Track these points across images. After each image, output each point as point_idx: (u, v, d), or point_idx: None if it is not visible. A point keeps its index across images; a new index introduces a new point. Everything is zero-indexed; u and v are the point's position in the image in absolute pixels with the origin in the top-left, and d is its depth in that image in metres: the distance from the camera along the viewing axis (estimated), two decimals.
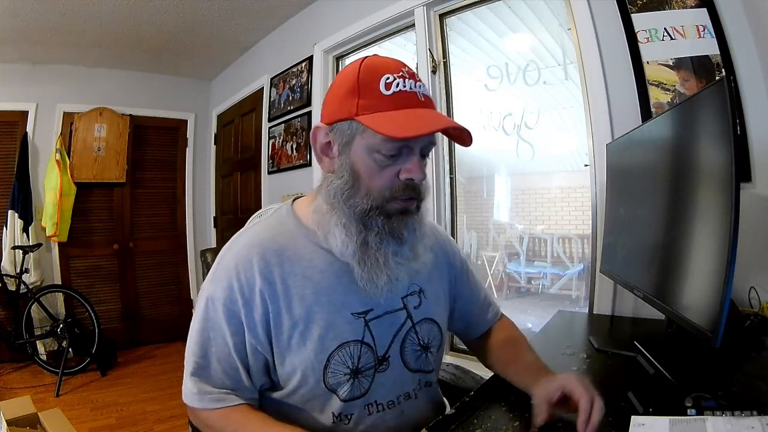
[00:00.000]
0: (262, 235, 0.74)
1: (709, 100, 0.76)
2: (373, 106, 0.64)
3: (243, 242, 0.74)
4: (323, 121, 0.70)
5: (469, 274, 0.94)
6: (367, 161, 0.66)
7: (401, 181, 0.66)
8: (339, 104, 0.67)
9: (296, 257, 0.72)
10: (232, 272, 0.70)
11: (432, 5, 2.03)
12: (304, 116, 2.73)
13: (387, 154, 0.65)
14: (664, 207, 0.95)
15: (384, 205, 0.67)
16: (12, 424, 1.43)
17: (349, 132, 0.66)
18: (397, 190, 0.67)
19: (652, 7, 1.37)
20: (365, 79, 0.65)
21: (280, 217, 0.78)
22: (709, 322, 0.69)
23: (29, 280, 3.14)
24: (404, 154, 0.66)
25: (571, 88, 1.85)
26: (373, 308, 0.74)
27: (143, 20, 2.82)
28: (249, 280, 0.69)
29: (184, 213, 4.04)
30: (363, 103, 0.64)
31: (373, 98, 0.64)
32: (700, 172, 0.81)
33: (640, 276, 1.05)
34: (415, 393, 0.80)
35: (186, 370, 0.72)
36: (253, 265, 0.70)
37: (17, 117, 3.35)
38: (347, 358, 0.72)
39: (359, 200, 0.67)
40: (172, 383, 2.93)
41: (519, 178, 3.16)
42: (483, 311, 0.94)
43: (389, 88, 0.64)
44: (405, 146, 0.65)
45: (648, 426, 0.61)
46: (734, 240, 0.64)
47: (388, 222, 0.68)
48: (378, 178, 0.66)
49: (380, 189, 0.67)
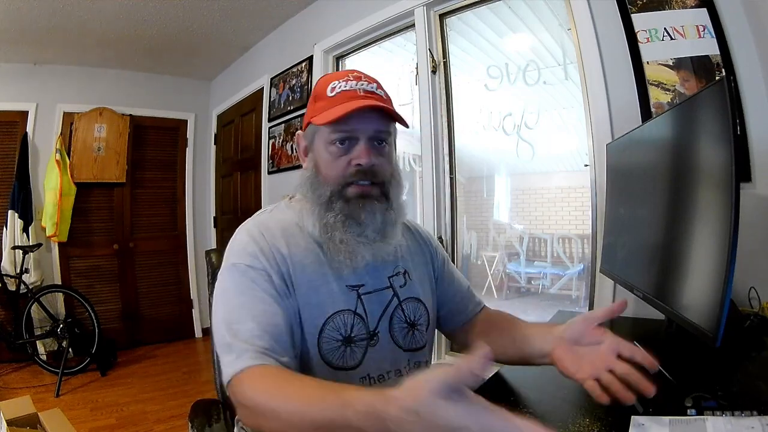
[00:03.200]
0: (265, 217, 0.83)
1: (709, 100, 0.76)
2: (322, 107, 0.77)
3: (251, 224, 0.81)
4: (302, 128, 0.84)
5: (452, 267, 0.99)
6: (324, 154, 0.78)
7: (353, 167, 0.76)
8: (307, 113, 0.82)
9: (298, 235, 0.80)
10: (249, 241, 0.76)
11: (432, 5, 2.03)
12: (304, 116, 2.73)
13: (337, 144, 0.76)
14: (664, 207, 0.95)
15: (342, 191, 0.77)
16: (12, 424, 1.43)
17: (311, 133, 0.80)
18: (350, 176, 0.76)
19: (652, 7, 1.37)
20: (319, 88, 0.80)
21: (279, 207, 0.87)
22: (709, 322, 0.69)
23: (29, 280, 3.14)
24: (353, 143, 0.76)
25: (571, 88, 1.85)
26: (364, 284, 0.80)
27: (143, 20, 2.82)
28: (264, 245, 0.76)
29: (184, 213, 4.04)
30: (317, 107, 0.78)
31: (322, 101, 0.78)
32: (700, 172, 0.81)
33: (640, 276, 1.05)
34: (406, 371, 0.82)
35: (220, 349, 0.67)
36: (264, 236, 0.77)
37: (17, 117, 3.35)
38: (341, 326, 0.76)
39: (322, 189, 0.78)
40: (172, 383, 2.93)
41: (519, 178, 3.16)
42: (467, 299, 0.96)
43: (333, 91, 0.77)
44: (350, 137, 0.76)
45: (648, 426, 0.61)
46: (734, 240, 0.64)
47: (347, 206, 0.77)
48: (333, 168, 0.77)
49: (336, 177, 0.77)
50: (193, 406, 0.97)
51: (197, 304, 4.07)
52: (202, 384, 2.89)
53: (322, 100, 0.78)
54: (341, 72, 0.82)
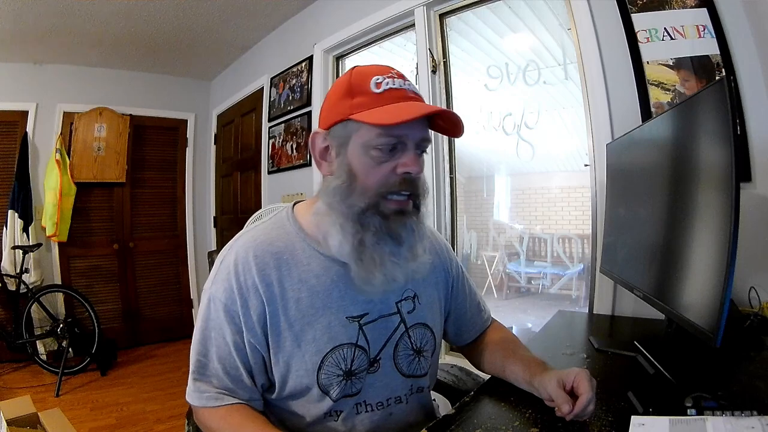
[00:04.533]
0: (260, 238, 0.75)
1: (709, 100, 0.76)
2: (365, 104, 0.66)
3: (242, 244, 0.75)
4: (320, 126, 0.72)
5: (465, 279, 0.95)
6: (363, 159, 0.67)
7: (398, 175, 0.67)
8: (334, 108, 0.69)
9: (293, 261, 0.73)
10: (231, 273, 0.72)
11: (432, 5, 2.03)
12: (304, 116, 2.73)
13: (383, 149, 0.66)
14: (664, 207, 0.95)
15: (380, 204, 0.68)
16: (12, 424, 1.43)
17: (345, 133, 0.68)
18: (393, 185, 0.67)
19: (652, 7, 1.37)
20: (356, 81, 0.68)
21: (279, 220, 0.79)
22: (709, 322, 0.69)
23: (29, 280, 3.14)
24: (399, 149, 0.67)
25: (571, 88, 1.85)
26: (368, 312, 0.75)
27: (143, 20, 2.82)
28: (247, 281, 0.71)
29: (184, 213, 4.04)
30: (356, 103, 0.66)
31: (365, 97, 0.66)
32: (700, 171, 0.81)
33: (640, 276, 1.05)
34: (406, 398, 0.80)
35: (191, 368, 0.74)
36: (251, 266, 0.71)
37: (17, 117, 3.35)
38: (340, 360, 0.73)
39: (356, 200, 0.67)
40: (172, 383, 2.93)
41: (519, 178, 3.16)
42: (475, 316, 0.95)
43: (379, 87, 0.66)
44: (399, 141, 0.67)
45: (648, 426, 0.61)
46: (734, 240, 0.64)
47: (385, 222, 0.68)
48: (374, 175, 0.67)
49: (377, 186, 0.67)
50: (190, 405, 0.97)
51: (197, 304, 4.07)
52: None
53: (364, 96, 0.66)
54: (380, 66, 0.70)
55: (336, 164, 0.70)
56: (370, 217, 0.67)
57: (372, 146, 0.66)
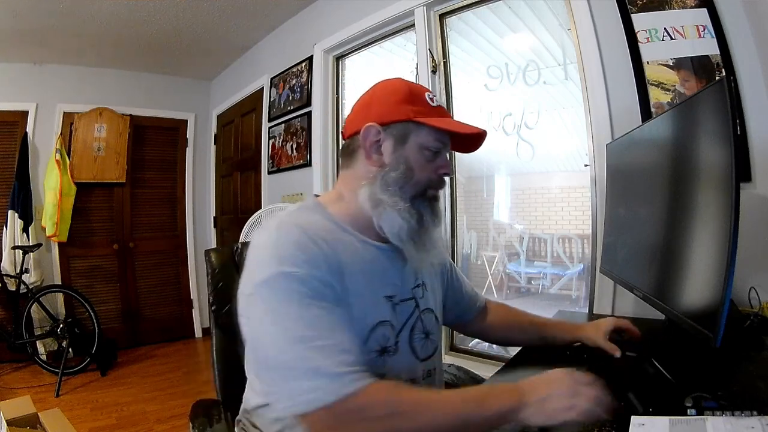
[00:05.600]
0: (299, 220, 0.73)
1: (709, 100, 0.76)
2: (424, 113, 0.77)
3: (288, 224, 0.71)
4: (374, 120, 0.77)
5: (455, 268, 1.04)
6: (418, 156, 0.77)
7: (438, 175, 0.80)
8: (394, 109, 0.77)
9: (336, 240, 0.73)
10: (298, 245, 0.68)
11: (432, 5, 2.03)
12: (304, 116, 2.73)
13: (432, 151, 0.78)
14: (664, 207, 0.95)
15: (426, 193, 0.79)
16: (12, 424, 1.43)
17: (405, 131, 0.77)
18: (434, 182, 0.80)
19: (652, 7, 1.37)
20: (415, 92, 0.79)
21: (304, 209, 0.79)
22: (709, 323, 0.69)
23: (29, 280, 3.14)
24: (440, 153, 0.79)
25: (571, 88, 1.85)
26: (396, 294, 0.79)
27: (143, 20, 2.82)
28: (316, 249, 0.69)
29: (184, 213, 4.04)
30: (417, 110, 0.77)
31: (424, 107, 0.78)
32: (700, 171, 0.81)
33: (640, 276, 1.05)
34: (420, 379, 0.82)
35: (296, 370, 0.60)
36: (314, 238, 0.70)
37: (17, 117, 3.35)
38: (380, 337, 0.75)
39: (409, 189, 0.77)
40: (172, 383, 2.93)
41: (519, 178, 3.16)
42: (472, 297, 1.04)
43: (433, 101, 0.79)
44: (443, 146, 0.79)
45: (648, 426, 0.61)
46: (734, 240, 0.64)
47: (431, 205, 0.80)
48: (424, 171, 0.78)
49: (425, 180, 0.78)
50: (193, 406, 0.97)
51: (197, 304, 4.07)
52: (202, 384, 2.89)
53: (422, 105, 0.78)
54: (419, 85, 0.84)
55: (393, 157, 0.77)
56: (420, 202, 0.78)
57: (426, 147, 0.77)
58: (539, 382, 0.63)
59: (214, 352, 1.08)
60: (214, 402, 1.00)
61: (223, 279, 1.10)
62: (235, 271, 1.13)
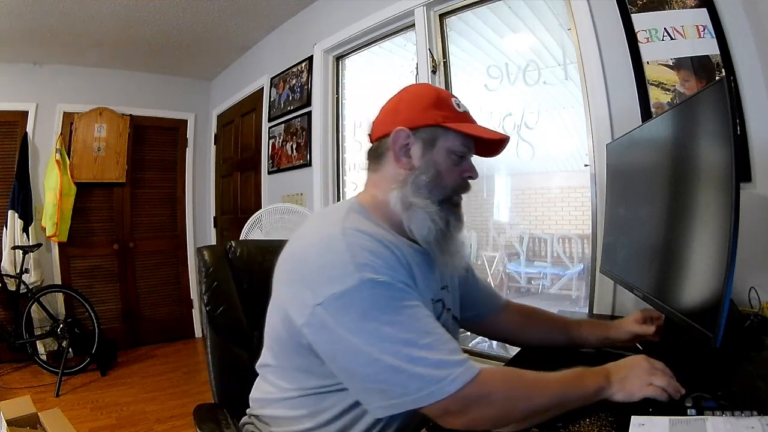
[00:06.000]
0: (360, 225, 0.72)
1: (709, 100, 0.76)
2: (452, 118, 0.79)
3: (351, 230, 0.70)
4: (403, 124, 0.78)
5: (471, 268, 1.04)
6: (446, 160, 0.79)
7: (463, 179, 0.81)
8: (422, 113, 0.79)
9: (392, 243, 0.73)
10: (375, 251, 0.67)
11: (432, 5, 2.03)
12: (304, 116, 2.73)
13: (459, 155, 0.79)
14: (664, 207, 0.95)
15: (452, 197, 0.81)
16: (12, 424, 1.43)
17: (433, 136, 0.78)
18: (459, 186, 0.81)
19: (652, 7, 1.37)
20: (442, 98, 0.81)
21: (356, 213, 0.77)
22: (709, 322, 0.69)
23: (29, 280, 3.14)
24: (466, 158, 0.81)
25: (571, 88, 1.85)
26: (434, 296, 0.81)
27: (143, 20, 2.82)
28: (391, 256, 0.69)
29: (184, 213, 4.04)
30: (444, 115, 0.78)
31: (451, 113, 0.79)
32: (701, 171, 0.81)
33: (640, 276, 1.05)
34: None
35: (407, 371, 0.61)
36: (378, 244, 0.69)
37: (17, 117, 3.35)
38: None
39: (438, 192, 0.78)
40: (172, 383, 2.93)
41: (519, 178, 3.15)
42: (492, 296, 1.04)
43: (459, 107, 0.81)
44: (468, 151, 0.81)
45: (648, 426, 0.61)
46: (734, 240, 0.64)
47: (455, 210, 0.81)
48: (451, 175, 0.79)
49: (452, 184, 0.80)
50: (195, 411, 0.94)
51: (197, 304, 4.07)
52: (202, 384, 2.89)
53: (450, 111, 0.79)
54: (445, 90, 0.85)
55: (422, 161, 0.78)
56: (447, 206, 0.79)
57: (453, 151, 0.78)
58: (621, 364, 0.72)
59: (209, 354, 1.05)
60: (216, 406, 0.98)
61: (218, 278, 1.07)
62: (230, 270, 1.10)
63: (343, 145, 2.65)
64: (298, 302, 0.68)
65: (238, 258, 1.13)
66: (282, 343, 0.75)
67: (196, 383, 2.92)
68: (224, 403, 1.00)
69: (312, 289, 0.66)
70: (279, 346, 0.77)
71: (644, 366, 0.70)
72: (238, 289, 1.10)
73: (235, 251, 1.13)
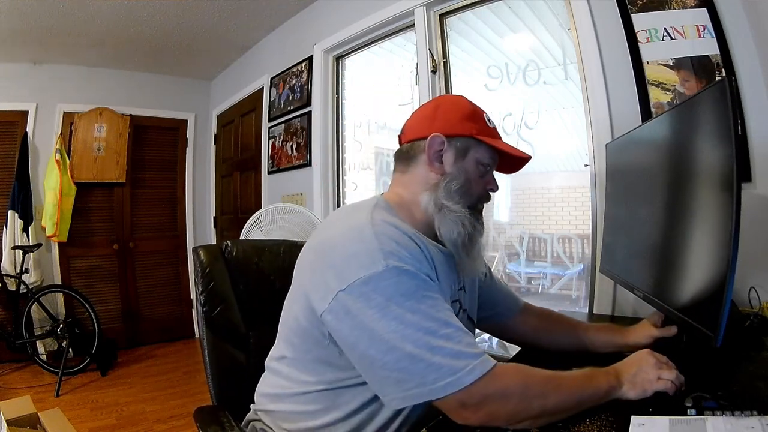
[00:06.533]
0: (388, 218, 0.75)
1: (710, 100, 0.76)
2: (484, 132, 0.83)
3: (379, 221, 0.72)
4: (439, 131, 0.81)
5: (490, 270, 1.05)
6: (475, 170, 0.83)
7: (486, 190, 0.86)
8: (458, 124, 0.83)
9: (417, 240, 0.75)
10: (403, 244, 0.70)
11: (432, 5, 2.03)
12: (304, 116, 2.73)
13: (486, 167, 0.84)
14: (664, 207, 0.95)
15: (477, 205, 0.84)
16: (12, 424, 1.43)
17: (466, 145, 0.82)
18: (483, 196, 0.86)
19: (652, 7, 1.37)
20: (476, 112, 0.85)
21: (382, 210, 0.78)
22: (710, 322, 0.69)
23: (29, 280, 3.14)
24: (490, 170, 0.86)
25: (571, 88, 1.84)
26: (451, 296, 0.83)
27: (143, 20, 2.82)
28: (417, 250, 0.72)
29: (184, 213, 4.04)
30: (478, 128, 0.83)
31: (484, 127, 0.84)
32: (701, 172, 0.81)
33: (640, 276, 1.05)
34: None
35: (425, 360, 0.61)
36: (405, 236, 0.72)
37: (17, 117, 3.35)
38: None
39: (467, 199, 0.81)
40: (173, 383, 2.93)
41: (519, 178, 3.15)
42: (510, 299, 1.06)
43: (490, 123, 0.86)
44: (493, 164, 0.85)
45: (648, 426, 0.61)
46: (736, 239, 0.64)
47: (480, 218, 0.84)
48: (479, 184, 0.84)
49: (478, 193, 0.84)
50: (197, 413, 0.93)
51: (197, 305, 4.06)
52: (202, 384, 2.87)
53: (481, 123, 0.84)
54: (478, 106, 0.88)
55: (454, 168, 0.82)
56: (473, 213, 0.82)
57: (481, 162, 0.83)
58: (628, 362, 0.73)
59: (206, 355, 1.04)
60: (215, 407, 0.97)
61: (214, 278, 1.06)
62: (226, 270, 1.09)
63: (343, 145, 2.65)
64: (321, 289, 0.68)
65: (234, 258, 1.12)
66: (301, 333, 0.76)
67: (196, 383, 2.92)
68: (223, 404, 1.00)
69: (338, 274, 0.67)
70: (298, 338, 0.77)
71: (651, 361, 0.71)
72: (234, 290, 1.09)
73: (231, 251, 1.12)
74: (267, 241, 1.23)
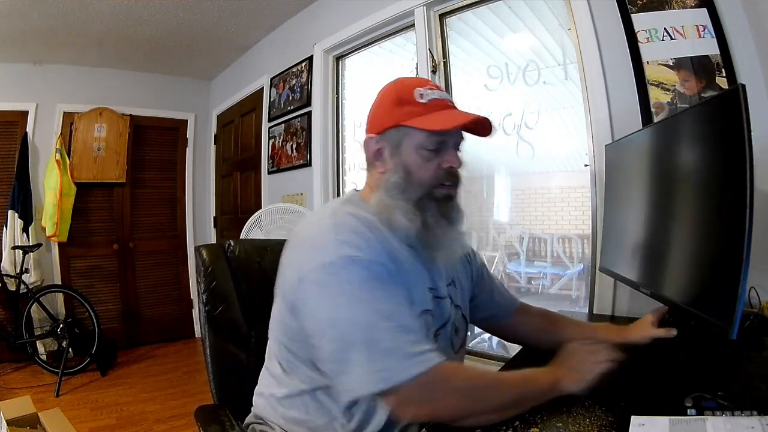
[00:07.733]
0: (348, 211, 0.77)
1: (722, 104, 0.76)
2: (414, 113, 0.77)
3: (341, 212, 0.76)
4: (372, 132, 0.82)
5: (486, 267, 1.04)
6: (415, 158, 0.78)
7: (444, 169, 0.79)
8: (386, 116, 0.80)
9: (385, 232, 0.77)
10: (359, 232, 0.71)
11: (432, 5, 2.03)
12: (304, 116, 2.73)
13: (430, 149, 0.77)
14: (674, 206, 0.95)
15: (433, 192, 0.79)
16: (12, 424, 1.43)
17: (398, 136, 0.79)
18: (441, 178, 0.79)
19: (652, 7, 1.37)
20: (402, 93, 0.80)
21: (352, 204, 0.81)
22: (723, 314, 0.69)
23: (29, 280, 3.14)
24: (443, 148, 0.79)
25: (571, 88, 1.84)
26: (435, 288, 0.82)
27: (143, 20, 2.82)
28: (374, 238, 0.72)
29: (184, 213, 4.04)
30: (405, 111, 0.78)
31: (412, 106, 0.78)
32: (711, 174, 0.81)
33: (645, 274, 1.05)
34: None
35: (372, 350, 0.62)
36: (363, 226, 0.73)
37: (17, 117, 3.35)
38: (422, 325, 0.75)
39: (413, 191, 0.78)
40: (173, 383, 2.93)
41: (519, 178, 3.15)
42: (507, 298, 1.04)
43: (423, 98, 0.78)
44: (442, 141, 0.78)
45: (648, 426, 0.61)
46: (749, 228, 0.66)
47: (439, 205, 0.79)
48: (425, 170, 0.78)
49: (428, 179, 0.78)
50: (198, 413, 0.93)
51: (197, 304, 4.07)
52: (202, 384, 2.88)
53: (412, 105, 0.78)
54: (417, 78, 0.84)
55: (392, 163, 0.80)
56: (426, 203, 0.78)
57: (422, 147, 0.77)
58: (562, 358, 0.76)
59: (208, 354, 1.04)
60: (216, 407, 0.97)
61: (217, 278, 1.07)
62: (228, 269, 1.09)
63: (343, 145, 2.65)
64: (288, 281, 0.73)
65: (237, 257, 1.12)
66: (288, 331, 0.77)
67: (196, 383, 2.92)
68: (224, 403, 1.00)
69: (300, 264, 0.71)
70: (286, 337, 0.78)
71: (582, 351, 0.76)
72: (236, 289, 1.09)
73: (233, 250, 1.12)
74: (269, 241, 1.23)
